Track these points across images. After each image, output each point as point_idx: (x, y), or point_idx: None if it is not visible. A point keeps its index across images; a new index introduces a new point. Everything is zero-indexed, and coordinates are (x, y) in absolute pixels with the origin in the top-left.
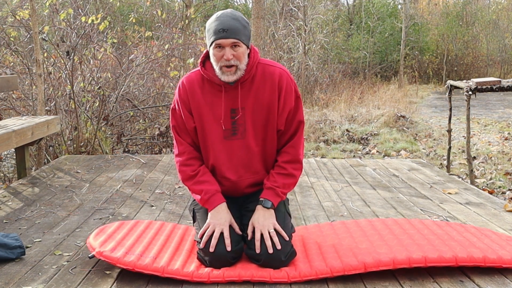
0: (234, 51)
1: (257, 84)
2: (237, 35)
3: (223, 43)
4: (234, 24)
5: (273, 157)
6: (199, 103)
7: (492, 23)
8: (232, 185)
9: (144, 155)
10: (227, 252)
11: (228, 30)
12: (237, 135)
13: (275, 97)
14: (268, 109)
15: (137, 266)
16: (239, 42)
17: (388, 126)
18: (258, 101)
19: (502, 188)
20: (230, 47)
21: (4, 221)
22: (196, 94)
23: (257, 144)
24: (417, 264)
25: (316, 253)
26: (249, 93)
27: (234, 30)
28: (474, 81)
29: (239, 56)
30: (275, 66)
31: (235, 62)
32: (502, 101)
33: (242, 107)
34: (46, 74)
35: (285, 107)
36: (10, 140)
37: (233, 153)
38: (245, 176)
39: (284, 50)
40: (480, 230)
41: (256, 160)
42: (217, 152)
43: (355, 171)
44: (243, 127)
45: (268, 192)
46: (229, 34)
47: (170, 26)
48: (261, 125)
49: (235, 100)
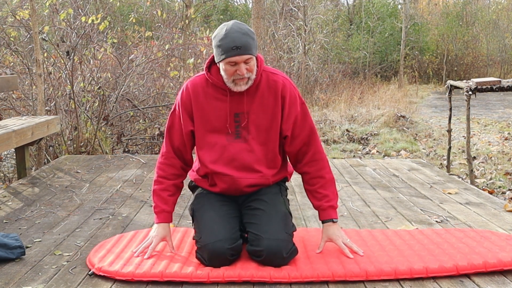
0: (247, 66)
1: (261, 91)
2: (250, 50)
3: (237, 61)
4: (246, 40)
5: (275, 162)
6: (202, 106)
7: (492, 23)
8: (232, 183)
9: (144, 155)
10: (225, 249)
11: (241, 47)
12: (240, 138)
13: (279, 105)
14: (272, 115)
15: (135, 275)
16: (252, 58)
17: (388, 126)
18: (262, 106)
19: (502, 188)
20: (244, 62)
21: (4, 221)
22: (200, 97)
23: (259, 147)
24: (419, 275)
25: (318, 256)
26: (254, 98)
27: (247, 47)
28: (474, 81)
29: (252, 69)
30: (278, 74)
31: (247, 75)
32: (502, 101)
33: (246, 112)
34: (46, 74)
35: (290, 114)
36: (10, 140)
37: (235, 155)
38: (246, 176)
39: (284, 50)
40: (479, 232)
41: (259, 163)
42: (219, 154)
43: (355, 171)
44: (246, 131)
45: (331, 212)
46: (243, 51)
47: (170, 26)
48: (264, 130)
49: (240, 105)
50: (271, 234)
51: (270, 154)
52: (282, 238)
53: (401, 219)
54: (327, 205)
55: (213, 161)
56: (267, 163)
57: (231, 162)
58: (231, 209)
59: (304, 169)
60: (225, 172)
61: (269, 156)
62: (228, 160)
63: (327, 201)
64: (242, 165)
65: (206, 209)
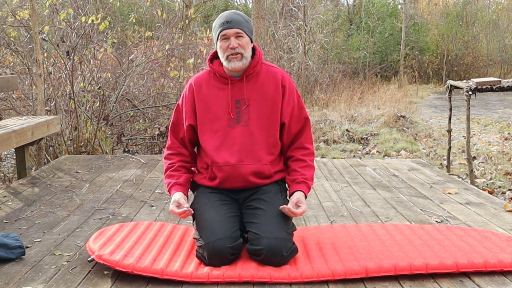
0: (238, 40)
1: (262, 80)
2: (240, 25)
3: (228, 33)
4: (236, 17)
5: (275, 148)
6: (205, 96)
7: (492, 23)
8: (233, 170)
9: (144, 155)
10: (226, 247)
11: (231, 21)
12: (241, 122)
13: (279, 93)
14: (272, 102)
15: (136, 269)
16: (242, 33)
17: (388, 126)
18: (262, 94)
19: (502, 188)
20: (235, 37)
21: (4, 221)
22: (202, 89)
23: (260, 132)
24: (418, 271)
25: (317, 255)
26: (255, 86)
27: (237, 22)
28: (474, 81)
29: (244, 45)
30: (277, 68)
31: (240, 50)
32: (502, 101)
33: (247, 98)
34: (46, 74)
35: (289, 102)
36: (10, 140)
37: (236, 139)
38: (247, 161)
39: (284, 50)
40: (480, 232)
41: (259, 147)
42: (221, 139)
43: (355, 171)
44: (247, 116)
45: (302, 185)
46: (233, 24)
47: (170, 26)
48: (265, 116)
49: (240, 91)
50: (271, 233)
51: (271, 139)
52: (281, 237)
53: (401, 219)
54: (301, 179)
55: (216, 147)
56: (267, 148)
57: (232, 146)
58: (231, 208)
59: (290, 153)
60: (226, 156)
61: (269, 141)
62: (229, 145)
63: (302, 176)
64: (243, 149)
65: (206, 208)
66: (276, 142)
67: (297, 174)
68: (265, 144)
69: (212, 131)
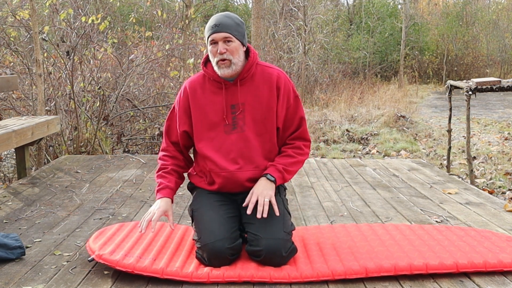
0: (226, 45)
1: (256, 83)
2: (229, 29)
3: (215, 38)
4: (226, 20)
5: (272, 153)
6: (200, 101)
7: (492, 23)
8: (231, 177)
9: (144, 155)
10: (225, 248)
11: (220, 25)
12: (236, 128)
13: (274, 96)
14: (267, 106)
15: (136, 268)
16: (231, 37)
17: (388, 126)
18: (257, 98)
19: (502, 188)
20: (223, 42)
21: (4, 221)
22: (197, 94)
23: (256, 137)
24: (418, 271)
25: (317, 255)
26: (249, 90)
27: (226, 25)
28: (474, 81)
29: (232, 51)
30: (273, 68)
31: (227, 57)
32: (502, 101)
33: (242, 103)
34: (46, 74)
35: (284, 106)
36: (10, 140)
37: (233, 145)
38: (245, 168)
39: (284, 50)
40: (480, 232)
41: (256, 153)
42: (217, 146)
43: (355, 171)
44: (243, 121)
45: (271, 168)
46: (221, 28)
47: (170, 26)
48: (260, 121)
49: (235, 96)
50: (270, 234)
51: (268, 145)
52: (280, 237)
53: (401, 219)
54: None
55: (212, 153)
56: (264, 153)
57: (229, 153)
58: (230, 209)
59: (282, 148)
60: (224, 164)
61: (266, 147)
62: (226, 151)
63: (277, 163)
64: (240, 156)
65: (205, 209)
66: (273, 147)
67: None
68: (261, 149)
69: (208, 138)
